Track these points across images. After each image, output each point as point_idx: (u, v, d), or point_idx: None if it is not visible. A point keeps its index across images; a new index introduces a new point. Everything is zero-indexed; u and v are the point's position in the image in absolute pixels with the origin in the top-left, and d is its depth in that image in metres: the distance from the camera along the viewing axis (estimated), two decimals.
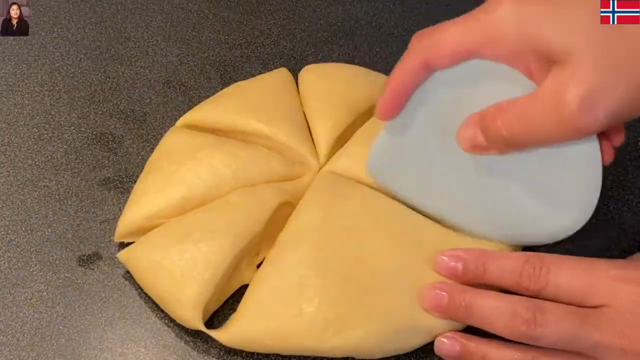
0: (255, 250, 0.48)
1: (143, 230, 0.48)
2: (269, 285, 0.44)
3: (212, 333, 0.44)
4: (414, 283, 0.44)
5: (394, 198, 0.48)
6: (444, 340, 0.43)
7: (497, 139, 0.39)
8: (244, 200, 0.47)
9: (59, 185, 0.53)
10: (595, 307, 0.40)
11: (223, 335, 0.44)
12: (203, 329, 0.44)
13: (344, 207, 0.46)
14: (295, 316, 0.43)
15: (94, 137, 0.56)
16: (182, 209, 0.48)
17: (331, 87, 0.54)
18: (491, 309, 0.41)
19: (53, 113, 0.58)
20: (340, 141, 0.52)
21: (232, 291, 0.47)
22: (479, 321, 0.42)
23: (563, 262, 0.41)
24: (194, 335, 0.46)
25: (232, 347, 0.44)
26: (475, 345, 0.42)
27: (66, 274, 0.49)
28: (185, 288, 0.44)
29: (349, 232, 0.45)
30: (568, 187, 0.42)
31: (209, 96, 0.56)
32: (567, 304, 0.40)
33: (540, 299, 0.41)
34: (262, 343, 0.43)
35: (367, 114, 0.53)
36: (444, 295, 0.42)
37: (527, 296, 0.41)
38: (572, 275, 0.41)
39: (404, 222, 0.46)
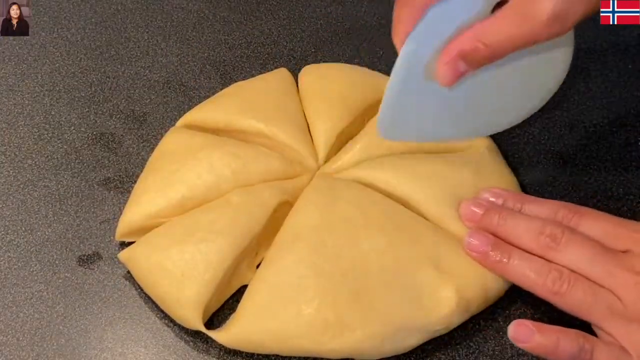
0: (255, 250, 0.48)
1: (143, 230, 0.48)
2: (267, 286, 0.44)
3: (212, 334, 0.44)
4: (409, 282, 0.44)
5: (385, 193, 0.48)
6: (472, 239, 0.45)
7: (480, 60, 0.42)
8: (244, 200, 0.47)
9: (59, 185, 0.53)
10: (620, 251, 0.43)
11: (222, 336, 0.44)
12: (203, 329, 0.44)
13: (340, 208, 0.46)
14: (294, 317, 0.43)
15: (94, 137, 0.56)
16: (183, 208, 0.48)
17: (331, 87, 0.54)
18: (524, 222, 0.44)
19: (53, 113, 0.58)
20: (340, 141, 0.52)
21: (232, 291, 0.47)
22: (509, 231, 0.45)
23: (596, 212, 0.45)
24: (194, 335, 0.46)
25: (232, 347, 0.44)
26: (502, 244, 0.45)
27: (66, 274, 0.49)
28: (186, 288, 0.44)
29: (345, 232, 0.45)
30: (543, 66, 0.46)
31: (209, 96, 0.56)
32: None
33: None
34: (261, 344, 0.44)
35: (366, 114, 0.53)
36: (478, 212, 0.46)
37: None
38: (604, 222, 0.44)
39: (400, 222, 0.46)
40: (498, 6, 0.42)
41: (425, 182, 0.48)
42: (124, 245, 0.49)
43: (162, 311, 0.46)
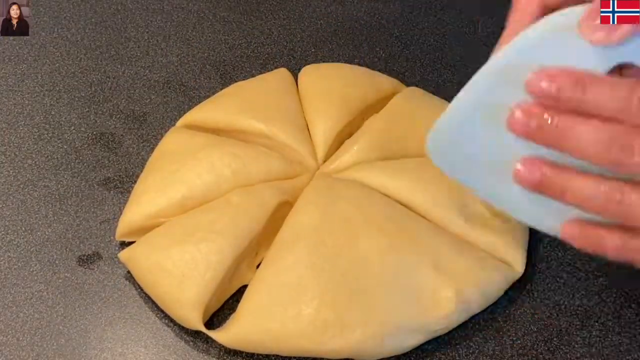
0: (255, 250, 0.48)
1: (144, 230, 0.48)
2: (267, 286, 0.44)
3: (212, 334, 0.44)
4: (409, 282, 0.44)
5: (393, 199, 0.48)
6: (520, 167, 0.36)
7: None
8: (244, 200, 0.47)
9: (59, 185, 0.53)
10: None
11: (222, 336, 0.44)
12: (203, 329, 0.44)
13: (340, 208, 0.46)
14: (294, 317, 0.43)
15: (94, 137, 0.56)
16: (183, 208, 0.48)
17: (330, 86, 0.54)
18: (587, 133, 0.35)
19: (53, 113, 0.58)
20: (339, 140, 0.52)
21: (233, 291, 0.47)
22: (571, 145, 0.35)
23: None
24: (194, 335, 0.46)
25: (232, 347, 0.44)
26: (556, 173, 0.36)
27: (66, 274, 0.49)
28: (186, 289, 0.44)
29: (345, 232, 0.45)
30: None
31: (209, 96, 0.56)
32: None
33: None
34: (261, 344, 0.44)
35: (366, 113, 0.53)
36: (533, 119, 0.35)
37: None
38: None
39: (400, 222, 0.46)
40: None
41: (424, 185, 0.48)
42: (124, 245, 0.49)
43: (162, 311, 0.46)
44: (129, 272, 0.48)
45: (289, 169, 0.50)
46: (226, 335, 0.44)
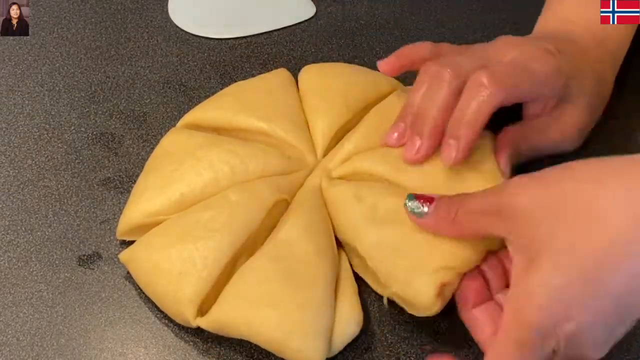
0: (252, 247, 0.48)
1: (144, 228, 0.48)
2: (243, 271, 0.45)
3: (197, 320, 0.44)
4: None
5: None
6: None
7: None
8: (241, 197, 0.47)
9: (59, 185, 0.53)
10: None
11: (203, 320, 0.44)
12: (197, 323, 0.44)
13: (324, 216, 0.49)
14: (267, 307, 0.43)
15: (94, 137, 0.56)
16: (182, 205, 0.48)
17: (330, 85, 0.54)
18: None
19: (53, 113, 0.58)
20: (338, 138, 0.52)
21: None
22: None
23: None
24: (194, 335, 0.46)
25: (212, 331, 0.45)
26: None
27: (66, 274, 0.49)
28: (183, 286, 0.44)
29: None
30: None
31: (208, 96, 0.56)
32: None
33: None
34: (236, 329, 0.44)
35: (365, 111, 0.53)
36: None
37: None
38: None
39: None
40: None
41: (421, 171, 0.48)
42: (124, 245, 0.49)
43: (162, 311, 0.46)
44: (129, 272, 0.48)
45: (287, 164, 0.50)
46: (206, 319, 0.44)
